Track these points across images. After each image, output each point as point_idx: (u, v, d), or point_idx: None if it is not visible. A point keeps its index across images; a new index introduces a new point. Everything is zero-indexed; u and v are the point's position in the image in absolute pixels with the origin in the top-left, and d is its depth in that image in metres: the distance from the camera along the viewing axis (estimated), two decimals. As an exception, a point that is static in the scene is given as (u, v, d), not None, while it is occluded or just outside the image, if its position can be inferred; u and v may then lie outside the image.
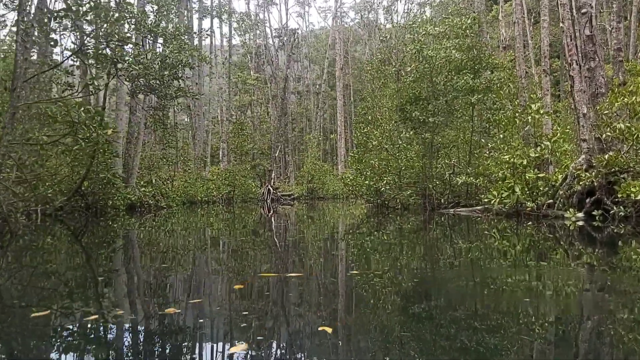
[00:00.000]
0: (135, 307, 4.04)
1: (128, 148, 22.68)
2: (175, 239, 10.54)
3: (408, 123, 20.01)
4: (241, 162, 40.02)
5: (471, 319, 3.52)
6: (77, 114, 9.17)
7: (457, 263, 6.35)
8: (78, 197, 16.88)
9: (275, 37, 57.32)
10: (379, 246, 8.64)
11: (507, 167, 14.12)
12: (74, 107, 9.37)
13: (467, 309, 3.81)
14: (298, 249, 8.22)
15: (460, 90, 18.70)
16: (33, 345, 2.98)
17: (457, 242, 9.33)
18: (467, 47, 18.91)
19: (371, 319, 3.55)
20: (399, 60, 21.26)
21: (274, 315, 3.68)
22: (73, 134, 9.80)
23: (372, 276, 5.05)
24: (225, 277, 5.32)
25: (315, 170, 41.85)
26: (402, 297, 4.23)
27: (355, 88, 55.65)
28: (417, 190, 20.27)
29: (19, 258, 7.13)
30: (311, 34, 71.28)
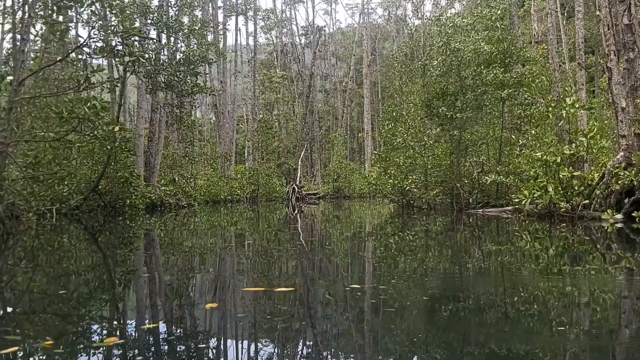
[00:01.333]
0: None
1: (150, 146, 22.42)
2: (189, 242, 10.08)
3: (435, 119, 19.26)
4: (266, 161, 39.63)
5: (500, 325, 3.38)
6: (82, 109, 8.75)
7: (486, 267, 6.07)
8: (96, 196, 16.60)
9: (302, 35, 56.85)
10: (402, 251, 8.03)
11: (540, 165, 13.30)
12: (78, 103, 8.96)
13: (496, 316, 3.61)
14: (315, 253, 7.67)
15: (489, 84, 17.87)
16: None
17: (486, 245, 8.86)
18: (497, 39, 18.04)
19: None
20: (425, 54, 20.43)
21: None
22: (79, 130, 9.40)
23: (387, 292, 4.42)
24: (210, 290, 4.77)
25: (341, 168, 41.25)
26: (427, 302, 4.02)
27: (383, 85, 54.81)
28: (444, 190, 19.52)
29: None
30: (338, 32, 70.60)
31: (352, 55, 58.40)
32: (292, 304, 4.00)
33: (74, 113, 9.16)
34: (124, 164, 17.00)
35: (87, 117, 8.92)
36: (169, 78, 15.25)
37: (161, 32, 16.16)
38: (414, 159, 19.85)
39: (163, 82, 15.25)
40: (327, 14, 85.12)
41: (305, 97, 42.18)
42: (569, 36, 36.41)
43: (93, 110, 8.92)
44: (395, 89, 30.10)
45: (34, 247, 8.74)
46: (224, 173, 33.57)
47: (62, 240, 9.94)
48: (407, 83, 23.73)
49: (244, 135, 46.30)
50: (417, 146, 19.94)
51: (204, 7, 29.10)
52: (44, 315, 3.77)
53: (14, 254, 7.83)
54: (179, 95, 16.40)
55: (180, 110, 18.60)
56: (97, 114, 8.90)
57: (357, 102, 59.60)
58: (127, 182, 16.89)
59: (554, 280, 5.09)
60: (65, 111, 9.21)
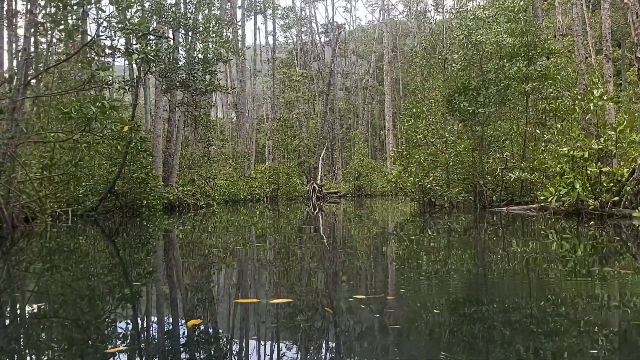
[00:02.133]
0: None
1: (168, 146, 22.30)
2: (204, 244, 9.82)
3: (456, 115, 18.73)
4: (287, 160, 39.41)
5: (526, 329, 3.23)
6: (89, 109, 8.53)
7: (511, 268, 5.82)
8: (112, 197, 16.48)
9: (322, 33, 56.51)
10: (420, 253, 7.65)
11: (566, 161, 12.77)
12: (86, 102, 8.74)
13: (521, 319, 3.47)
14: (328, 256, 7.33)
15: (512, 78, 17.31)
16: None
17: (511, 245, 8.45)
18: (520, 31, 17.45)
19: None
20: (446, 48, 19.87)
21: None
22: (87, 130, 9.18)
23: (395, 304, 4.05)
24: (203, 301, 4.43)
25: (362, 166, 40.86)
26: (440, 319, 3.64)
27: (405, 82, 54.20)
28: (466, 187, 19.01)
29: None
30: (358, 29, 70.08)
31: (373, 52, 57.89)
32: (282, 319, 3.59)
33: (82, 112, 8.94)
34: (141, 164, 16.84)
35: (95, 117, 8.70)
36: (184, 77, 15.02)
37: (175, 31, 15.95)
38: (435, 156, 19.35)
39: (178, 82, 15.03)
40: (347, 11, 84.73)
41: (324, 95, 41.83)
42: (594, 29, 35.54)
43: (101, 109, 8.69)
44: (417, 85, 29.63)
45: (42, 250, 8.54)
46: (243, 172, 33.42)
47: (72, 243, 9.74)
48: (428, 78, 23.19)
49: (265, 134, 46.14)
50: (438, 143, 19.44)
51: (222, 6, 28.90)
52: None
53: (19, 258, 7.62)
54: (193, 94, 16.16)
55: (196, 109, 18.37)
56: (104, 113, 8.68)
57: (379, 100, 59.07)
58: (144, 183, 16.73)
59: (582, 282, 4.89)
60: (74, 110, 8.99)
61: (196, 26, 15.04)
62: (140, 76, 15.00)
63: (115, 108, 9.21)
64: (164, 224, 14.89)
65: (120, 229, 13.73)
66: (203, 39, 15.00)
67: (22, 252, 8.10)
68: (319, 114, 47.30)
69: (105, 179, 16.98)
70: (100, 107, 8.85)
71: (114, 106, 9.13)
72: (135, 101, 16.21)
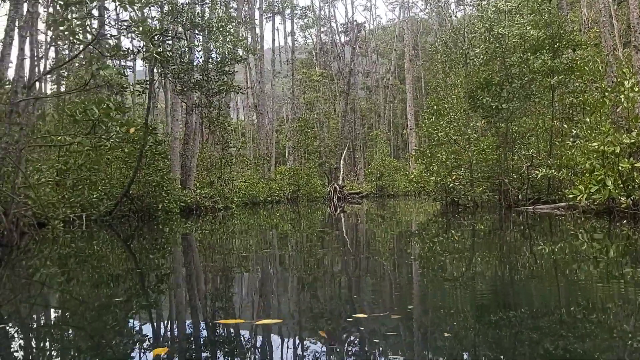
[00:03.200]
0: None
1: (185, 149, 22.06)
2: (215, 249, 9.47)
3: (479, 111, 18.10)
4: (307, 161, 39.01)
5: (556, 335, 3.09)
6: (92, 111, 8.21)
7: (539, 270, 5.62)
8: (127, 201, 16.24)
9: (341, 32, 56.01)
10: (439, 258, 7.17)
11: (596, 157, 12.10)
12: (90, 104, 8.43)
13: (550, 326, 3.30)
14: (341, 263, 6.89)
15: (537, 71, 16.65)
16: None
17: (539, 246, 8.02)
18: (544, 23, 16.76)
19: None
20: (467, 42, 19.21)
21: None
22: (93, 133, 8.88)
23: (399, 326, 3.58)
24: (186, 322, 4.01)
25: (384, 166, 40.22)
26: (477, 308, 3.73)
27: (427, 80, 53.42)
28: (491, 186, 18.38)
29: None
30: (378, 27, 69.39)
31: (394, 50, 57.21)
32: (262, 346, 3.15)
33: (86, 115, 8.62)
34: (156, 167, 16.57)
35: (98, 119, 8.38)
36: (198, 78, 14.72)
37: (189, 31, 15.63)
38: (458, 154, 18.72)
39: (191, 82, 14.72)
40: (366, 10, 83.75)
41: (345, 95, 41.37)
42: (620, 22, 34.49)
43: (105, 111, 8.36)
44: (438, 83, 28.98)
45: (43, 259, 8.25)
46: (263, 174, 33.13)
47: (79, 251, 9.45)
48: (449, 74, 22.54)
49: (285, 135, 45.85)
50: (460, 140, 18.81)
51: (238, 7, 28.62)
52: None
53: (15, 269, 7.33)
54: (207, 95, 15.84)
55: (210, 110, 18.04)
56: (108, 115, 8.34)
57: (400, 99, 58.36)
58: (159, 186, 16.46)
59: (615, 286, 4.67)
60: (79, 113, 8.68)
61: (209, 25, 14.69)
62: (153, 78, 14.72)
63: (121, 110, 8.88)
64: (179, 228, 14.60)
65: (136, 233, 13.47)
66: (216, 38, 14.65)
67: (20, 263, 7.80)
68: (340, 113, 46.84)
69: (121, 183, 16.78)
70: (104, 109, 8.52)
71: (120, 108, 8.80)
72: (149, 103, 15.95)
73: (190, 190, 20.77)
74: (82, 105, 8.62)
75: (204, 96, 16.36)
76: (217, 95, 15.54)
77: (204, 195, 20.85)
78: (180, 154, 22.07)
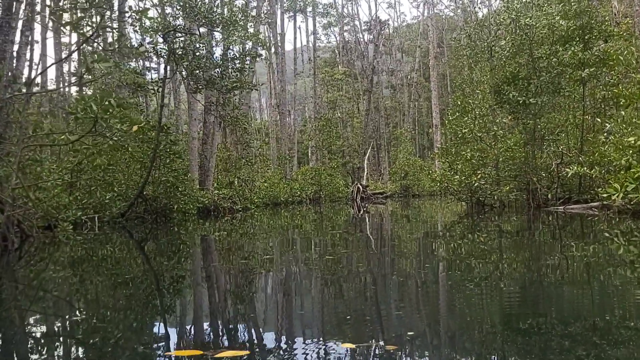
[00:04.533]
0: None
1: (204, 149, 21.70)
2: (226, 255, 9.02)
3: (505, 107, 17.31)
4: (330, 160, 38.44)
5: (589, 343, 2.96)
6: (91, 108, 7.78)
7: (570, 274, 5.36)
8: (142, 202, 15.89)
9: (365, 31, 55.29)
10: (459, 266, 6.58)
11: (633, 153, 11.29)
12: (90, 100, 8.00)
13: (582, 333, 3.19)
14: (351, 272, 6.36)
15: (567, 64, 15.81)
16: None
17: (570, 248, 7.46)
18: (574, 13, 15.90)
19: None
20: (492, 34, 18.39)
21: None
22: (94, 131, 8.47)
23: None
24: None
25: (408, 165, 39.43)
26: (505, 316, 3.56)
27: (452, 77, 52.41)
28: (518, 185, 17.59)
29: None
30: (403, 25, 68.44)
31: (418, 47, 56.32)
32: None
33: (87, 112, 8.21)
34: (170, 167, 16.19)
35: (97, 116, 7.95)
36: (210, 74, 14.30)
37: (200, 26, 15.20)
38: (484, 152, 17.93)
39: (204, 80, 14.31)
40: (390, 7, 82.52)
41: (367, 93, 40.70)
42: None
43: (103, 108, 7.93)
44: (464, 79, 28.15)
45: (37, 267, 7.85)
46: (284, 174, 32.68)
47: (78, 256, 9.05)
48: (474, 68, 21.71)
49: (308, 135, 45.37)
50: (486, 137, 18.02)
51: (258, 5, 28.19)
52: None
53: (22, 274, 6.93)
54: (221, 92, 15.39)
55: (224, 109, 17.57)
56: (106, 112, 7.91)
57: (426, 97, 57.42)
58: (174, 187, 16.07)
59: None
60: (80, 110, 8.26)
61: (222, 21, 14.22)
62: (167, 76, 14.35)
63: (124, 106, 8.45)
64: (194, 231, 14.19)
65: (148, 236, 13.09)
66: (230, 33, 14.20)
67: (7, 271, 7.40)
68: (363, 112, 46.20)
69: (136, 184, 16.45)
70: (103, 105, 8.08)
71: (122, 104, 8.36)
72: (162, 102, 15.57)
73: (209, 191, 20.40)
74: (82, 102, 8.19)
75: (219, 94, 15.90)
76: (231, 92, 15.07)
77: (222, 196, 20.45)
78: (198, 154, 21.73)
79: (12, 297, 5.08)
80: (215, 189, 20.88)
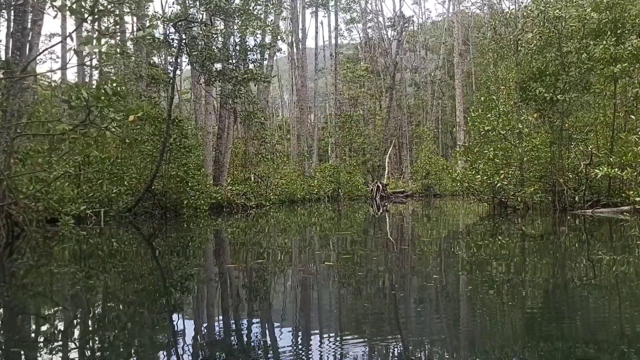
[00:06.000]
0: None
1: (219, 144, 21.23)
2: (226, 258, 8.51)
3: (531, 104, 16.49)
4: (350, 158, 37.76)
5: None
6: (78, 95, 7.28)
7: (598, 283, 5.02)
8: (151, 196, 15.46)
9: (388, 27, 54.41)
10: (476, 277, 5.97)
11: (668, 153, 10.46)
12: (83, 87, 7.51)
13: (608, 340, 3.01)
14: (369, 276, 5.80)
15: (598, 59, 14.92)
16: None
17: (598, 254, 7.05)
18: (605, 5, 15.01)
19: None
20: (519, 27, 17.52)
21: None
22: (89, 121, 7.98)
23: None
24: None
25: (430, 165, 38.52)
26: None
27: (478, 76, 51.26)
28: (543, 186, 16.75)
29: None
30: (428, 22, 67.33)
31: (443, 44, 55.25)
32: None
33: (81, 100, 7.71)
34: (180, 162, 15.72)
35: (87, 104, 7.45)
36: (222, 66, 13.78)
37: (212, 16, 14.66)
38: (507, 150, 17.09)
39: (216, 71, 13.79)
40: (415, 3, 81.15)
41: (390, 90, 39.93)
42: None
43: (95, 96, 7.42)
44: (488, 77, 27.24)
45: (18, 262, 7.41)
46: (302, 171, 32.09)
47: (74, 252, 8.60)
48: (499, 64, 20.83)
49: (329, 132, 44.76)
50: (510, 136, 17.18)
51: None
52: None
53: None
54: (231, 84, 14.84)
55: (234, 100, 16.99)
56: (98, 99, 7.41)
57: (450, 95, 56.33)
58: (183, 182, 15.59)
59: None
60: (74, 98, 7.77)
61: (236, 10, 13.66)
62: (177, 67, 13.87)
63: (120, 95, 7.93)
64: (204, 228, 13.71)
65: (155, 233, 12.65)
66: (243, 22, 13.64)
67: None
68: (384, 109, 45.40)
69: (146, 178, 16.03)
70: (96, 93, 7.58)
71: (118, 92, 7.85)
72: (172, 94, 15.12)
73: (222, 187, 19.92)
74: (75, 89, 7.70)
75: (230, 86, 15.36)
76: (242, 84, 14.51)
77: (235, 192, 19.95)
78: (213, 149, 21.28)
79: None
80: (230, 185, 20.38)
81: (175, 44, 14.64)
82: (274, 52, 25.04)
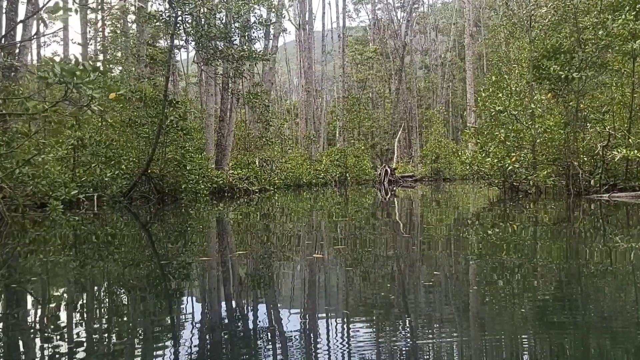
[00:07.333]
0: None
1: (221, 127, 20.65)
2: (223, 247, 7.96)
3: (545, 83, 15.72)
4: (358, 141, 37.05)
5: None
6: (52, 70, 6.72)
7: (613, 270, 4.69)
8: (147, 180, 14.94)
9: (398, 8, 53.35)
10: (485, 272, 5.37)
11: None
12: (55, 63, 6.94)
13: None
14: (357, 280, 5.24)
15: (616, 35, 14.11)
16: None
17: (615, 241, 6.52)
18: (626, -24, 14.19)
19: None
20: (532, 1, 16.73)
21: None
22: (68, 99, 7.44)
23: None
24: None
25: (440, 148, 37.76)
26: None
27: (489, 58, 50.15)
28: (557, 170, 16.05)
29: None
30: (438, 2, 66.11)
31: (453, 24, 54.12)
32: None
33: (60, 77, 7.14)
34: (178, 144, 15.18)
35: (67, 80, 6.89)
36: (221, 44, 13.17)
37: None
38: (519, 132, 16.37)
39: (212, 49, 13.17)
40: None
41: (398, 72, 39.08)
42: None
43: (68, 71, 6.85)
44: (500, 57, 26.40)
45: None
46: (309, 155, 31.49)
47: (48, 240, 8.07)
48: (510, 41, 20.02)
49: (337, 115, 44.07)
50: (522, 116, 16.45)
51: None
52: None
53: None
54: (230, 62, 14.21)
55: (233, 80, 16.36)
56: (72, 74, 6.84)
57: (460, 78, 55.27)
58: (181, 165, 15.05)
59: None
60: (52, 74, 7.20)
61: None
62: (173, 45, 13.27)
63: (101, 72, 7.35)
64: (199, 213, 13.17)
65: (149, 218, 12.13)
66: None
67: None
68: (393, 92, 44.55)
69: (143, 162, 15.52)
70: (71, 67, 7.00)
71: (97, 69, 7.27)
72: (168, 73, 14.52)
73: (224, 171, 19.38)
74: (50, 64, 7.13)
75: (228, 65, 14.72)
76: (238, 63, 13.89)
77: (238, 176, 19.40)
78: (215, 132, 20.72)
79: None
80: (232, 169, 19.84)
81: (172, 20, 13.99)
82: (278, 32, 24.31)
